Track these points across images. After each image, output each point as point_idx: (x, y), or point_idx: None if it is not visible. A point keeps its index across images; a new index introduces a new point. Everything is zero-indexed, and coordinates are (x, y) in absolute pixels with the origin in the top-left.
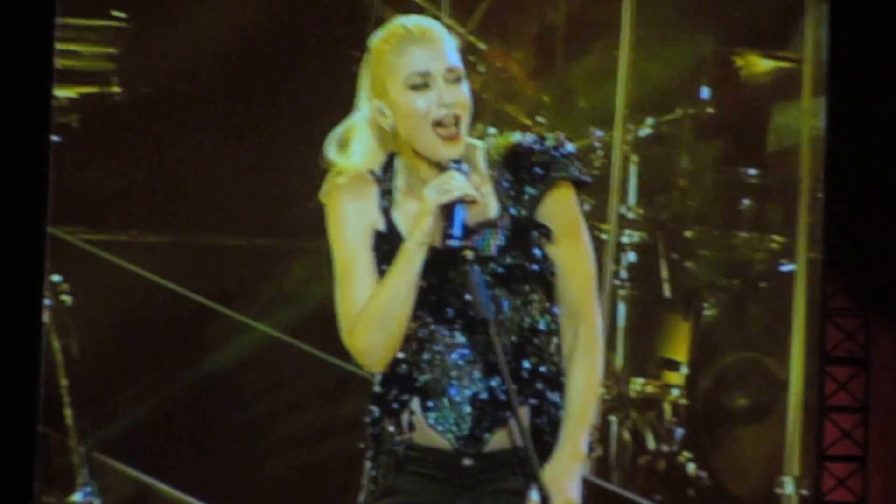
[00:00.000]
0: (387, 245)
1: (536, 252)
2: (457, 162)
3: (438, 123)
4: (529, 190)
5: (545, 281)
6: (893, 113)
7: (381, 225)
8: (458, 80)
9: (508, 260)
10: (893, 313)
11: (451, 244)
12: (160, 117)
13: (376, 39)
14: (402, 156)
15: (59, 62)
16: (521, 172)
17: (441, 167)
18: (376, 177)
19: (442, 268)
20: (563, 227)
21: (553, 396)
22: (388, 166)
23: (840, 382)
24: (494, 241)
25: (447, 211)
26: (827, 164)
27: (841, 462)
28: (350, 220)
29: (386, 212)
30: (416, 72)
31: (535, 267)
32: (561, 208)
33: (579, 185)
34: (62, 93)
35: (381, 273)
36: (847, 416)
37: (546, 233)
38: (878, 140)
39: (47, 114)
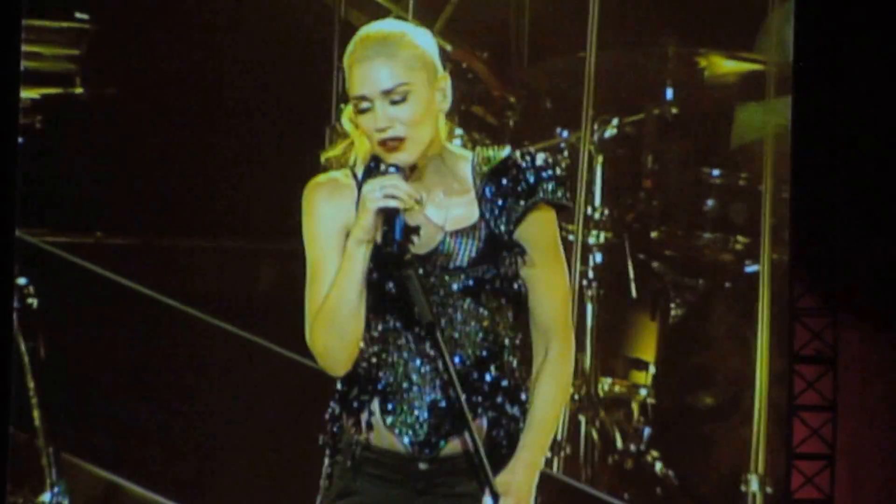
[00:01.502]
0: None
1: (508, 268)
2: (395, 167)
3: (381, 143)
4: (511, 207)
5: (513, 296)
6: (860, 112)
7: None
8: (401, 98)
9: (478, 273)
10: (861, 313)
11: (392, 250)
12: (124, 118)
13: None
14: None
15: (22, 64)
16: (505, 188)
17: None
18: (356, 178)
19: (394, 268)
20: (540, 247)
21: (512, 410)
22: (374, 167)
23: (808, 381)
24: (467, 252)
25: (387, 214)
26: (794, 164)
27: (809, 460)
28: (323, 220)
29: None
30: (356, 95)
31: (504, 283)
32: (540, 229)
33: (560, 209)
34: (25, 94)
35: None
36: (815, 415)
37: (521, 253)
38: (844, 139)
39: (14, 116)
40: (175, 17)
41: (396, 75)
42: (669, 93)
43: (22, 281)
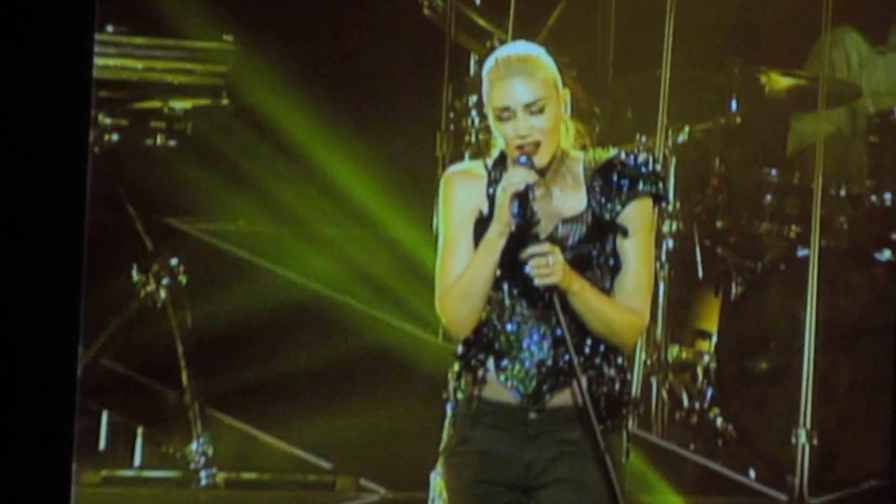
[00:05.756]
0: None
1: (609, 245)
2: (523, 156)
3: (519, 147)
4: (615, 197)
5: (614, 270)
6: None
7: (485, 209)
8: (539, 110)
9: (586, 249)
10: None
11: (516, 224)
12: (262, 125)
13: (485, 65)
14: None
15: (176, 78)
16: (611, 182)
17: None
18: (487, 168)
19: (521, 247)
20: (636, 229)
21: (609, 371)
22: (501, 161)
23: None
24: (577, 233)
25: (518, 199)
26: None
27: None
28: (458, 201)
29: (491, 198)
30: (499, 107)
31: (605, 259)
32: (638, 217)
33: (658, 201)
34: (179, 104)
35: None
36: None
37: (624, 232)
38: None
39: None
40: (300, 40)
41: (536, 91)
42: (734, 104)
43: (174, 261)
